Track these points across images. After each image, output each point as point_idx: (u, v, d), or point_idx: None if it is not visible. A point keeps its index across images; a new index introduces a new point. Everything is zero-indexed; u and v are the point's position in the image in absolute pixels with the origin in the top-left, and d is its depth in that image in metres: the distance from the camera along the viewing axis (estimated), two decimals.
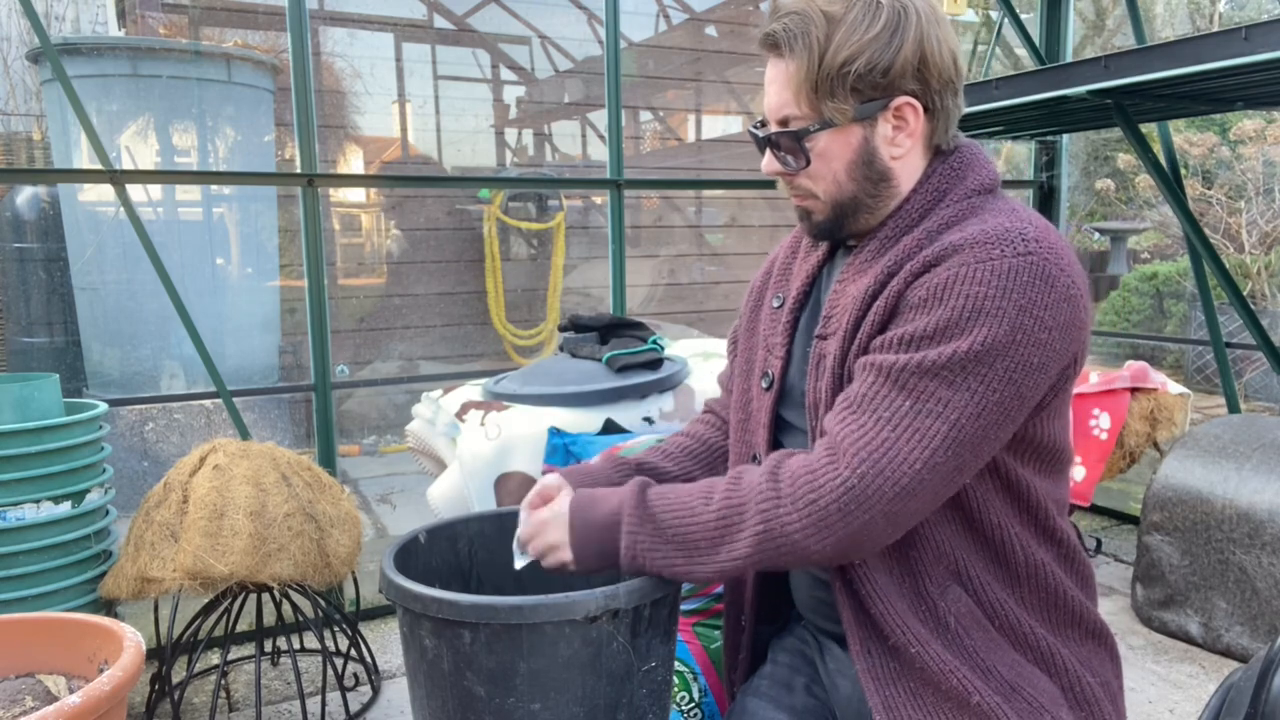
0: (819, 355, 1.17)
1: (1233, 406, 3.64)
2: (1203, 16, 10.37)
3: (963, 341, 1.00)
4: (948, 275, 1.03)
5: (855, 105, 1.09)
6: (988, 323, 1.00)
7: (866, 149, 1.12)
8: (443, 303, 5.59)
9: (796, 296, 1.25)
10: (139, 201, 4.35)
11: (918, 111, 1.11)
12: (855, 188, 1.14)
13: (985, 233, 1.05)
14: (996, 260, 1.02)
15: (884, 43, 1.07)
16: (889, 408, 1.02)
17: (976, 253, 1.03)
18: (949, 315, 1.01)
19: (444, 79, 5.85)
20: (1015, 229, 1.04)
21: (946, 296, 1.02)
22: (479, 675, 1.08)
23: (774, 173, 1.18)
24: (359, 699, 2.51)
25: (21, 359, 4.77)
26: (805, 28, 1.09)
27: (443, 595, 1.07)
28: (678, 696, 1.68)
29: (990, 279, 1.01)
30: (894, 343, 1.05)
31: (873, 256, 1.15)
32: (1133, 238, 9.05)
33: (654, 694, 1.19)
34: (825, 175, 1.14)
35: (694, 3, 6.28)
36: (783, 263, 1.33)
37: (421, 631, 1.11)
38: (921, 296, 1.04)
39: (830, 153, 1.13)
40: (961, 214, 1.11)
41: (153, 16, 4.94)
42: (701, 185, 6.62)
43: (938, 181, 1.14)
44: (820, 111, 1.11)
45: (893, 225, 1.14)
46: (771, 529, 1.03)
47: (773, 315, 1.29)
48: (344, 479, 4.64)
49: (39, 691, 1.62)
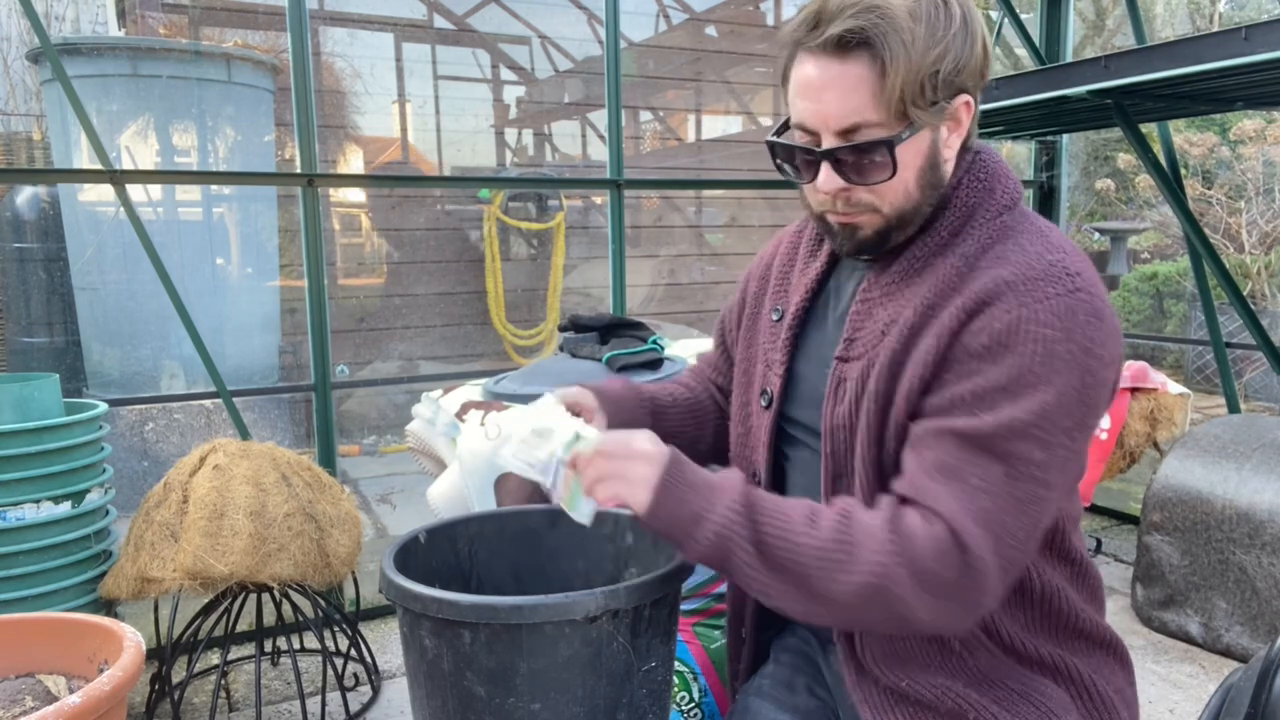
0: (839, 378, 1.10)
1: (1233, 406, 3.64)
2: (1203, 16, 10.37)
3: (1044, 394, 0.95)
4: (1009, 318, 0.97)
5: (933, 110, 1.02)
6: (1061, 370, 0.95)
7: (934, 153, 1.05)
8: (443, 303, 5.59)
9: (797, 312, 1.20)
10: (139, 201, 4.36)
11: (972, 109, 1.06)
12: (920, 196, 1.06)
13: (1032, 267, 1.00)
14: (1053, 300, 0.97)
15: (963, 40, 1.02)
16: (983, 477, 0.96)
17: (1032, 291, 0.98)
18: (1022, 364, 0.96)
19: (444, 79, 5.86)
20: (1059, 262, 1.00)
21: (1013, 343, 0.96)
22: (479, 675, 1.08)
23: (837, 190, 1.06)
24: (359, 699, 2.51)
25: (21, 359, 4.77)
26: (893, 25, 0.98)
27: (443, 595, 1.07)
28: (678, 696, 1.68)
29: (1053, 321, 0.96)
30: (966, 400, 0.98)
31: (902, 278, 1.08)
32: (1133, 238, 9.05)
33: (654, 694, 1.19)
34: (898, 186, 1.04)
35: (694, 3, 6.28)
36: (781, 269, 1.27)
37: (421, 631, 1.11)
38: (984, 344, 0.98)
39: (907, 160, 1.03)
40: (994, 235, 1.06)
41: (153, 16, 4.94)
42: (701, 185, 6.63)
43: (966, 195, 1.08)
44: (906, 117, 1.01)
45: (922, 244, 1.08)
46: (885, 586, 0.95)
47: (772, 329, 1.23)
48: (344, 479, 4.64)
49: (39, 691, 1.62)
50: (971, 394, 0.98)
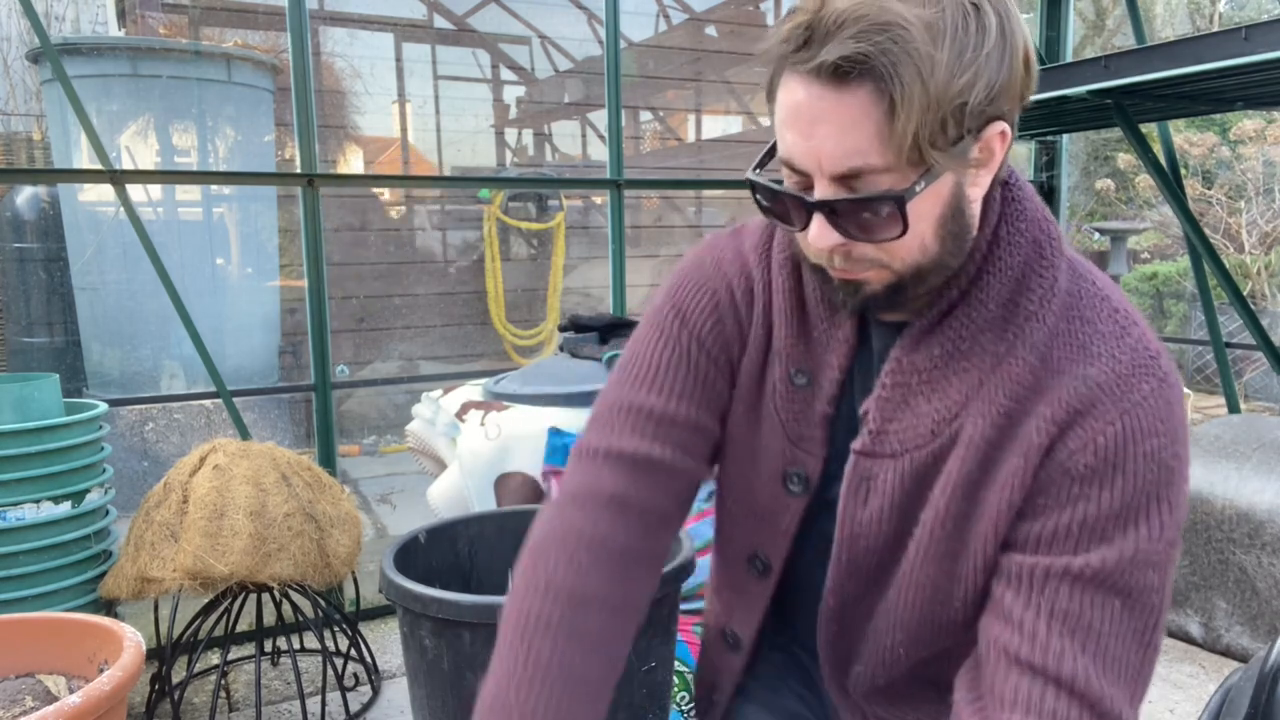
0: (861, 476, 0.93)
1: (1233, 406, 3.64)
2: (1203, 16, 10.37)
3: (1159, 513, 0.85)
4: (1113, 432, 0.84)
5: (957, 149, 0.79)
6: (1172, 480, 0.86)
7: (957, 198, 0.83)
8: (443, 303, 5.59)
9: (838, 381, 0.97)
10: (139, 201, 4.36)
11: (1007, 138, 0.83)
12: (940, 249, 0.85)
13: (1119, 360, 0.86)
14: (1151, 399, 0.85)
15: (1000, 58, 0.78)
16: (1108, 619, 0.85)
17: (1129, 394, 0.85)
18: (1134, 485, 0.84)
19: (444, 79, 5.86)
20: (1141, 344, 0.88)
21: (1121, 461, 0.84)
22: (479, 675, 1.08)
23: (833, 245, 0.84)
24: (359, 699, 2.51)
25: (21, 359, 4.77)
26: (907, 49, 0.75)
27: (443, 595, 1.07)
28: (678, 696, 1.68)
29: (1157, 426, 0.85)
30: (1076, 532, 0.86)
31: (947, 361, 0.89)
32: (1133, 238, 9.04)
33: (654, 694, 1.19)
34: (911, 242, 0.83)
35: (694, 3, 6.28)
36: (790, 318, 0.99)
37: (421, 631, 1.11)
38: (1088, 464, 0.85)
39: (922, 211, 0.81)
40: (1060, 313, 0.89)
41: (153, 16, 4.95)
42: (701, 185, 6.63)
43: (1010, 254, 0.89)
44: (922, 159, 0.78)
45: (965, 318, 0.88)
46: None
47: (795, 395, 0.99)
48: (344, 479, 4.64)
49: (39, 691, 1.63)
50: (1080, 525, 0.85)
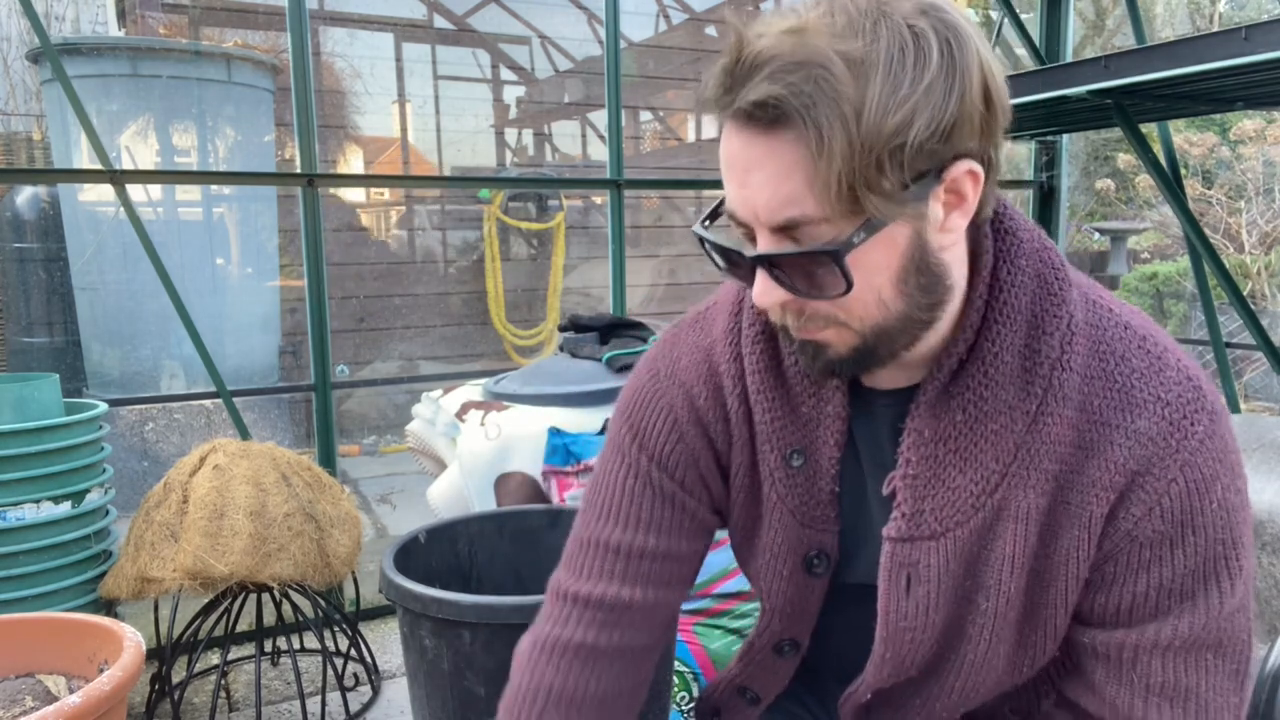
0: (900, 564, 0.85)
1: (1233, 406, 3.64)
2: (1203, 16, 10.37)
3: (1237, 557, 0.81)
4: (1178, 491, 0.79)
5: (902, 189, 0.71)
6: (1240, 518, 0.81)
7: (918, 247, 0.75)
8: (443, 303, 5.59)
9: (837, 462, 0.90)
10: (139, 201, 4.36)
11: (979, 179, 0.75)
12: (905, 305, 0.77)
13: (1167, 404, 0.80)
14: (1206, 441, 0.80)
15: (941, 94, 0.70)
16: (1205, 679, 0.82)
17: (1185, 443, 0.80)
18: (1209, 539, 0.80)
19: (444, 79, 5.86)
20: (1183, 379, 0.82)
21: (1191, 519, 0.79)
22: (479, 675, 1.08)
23: (778, 303, 0.78)
24: (359, 699, 2.51)
25: (21, 359, 4.78)
26: (825, 89, 0.68)
27: (443, 595, 1.07)
28: (678, 696, 1.68)
29: (1217, 469, 0.80)
30: (1156, 598, 0.81)
31: (972, 426, 0.82)
32: (1133, 238, 9.05)
33: (654, 694, 1.19)
34: (865, 298, 0.76)
35: (694, 3, 6.28)
36: (771, 397, 0.91)
37: (421, 631, 1.11)
38: (1158, 530, 0.80)
39: (873, 264, 0.74)
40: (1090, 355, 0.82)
41: (153, 16, 4.95)
42: (701, 185, 6.61)
43: (1016, 298, 0.81)
44: (859, 208, 0.71)
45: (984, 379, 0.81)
46: None
47: (795, 476, 0.91)
48: (344, 479, 4.64)
49: (39, 691, 1.63)
50: (1158, 590, 0.81)
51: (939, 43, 0.70)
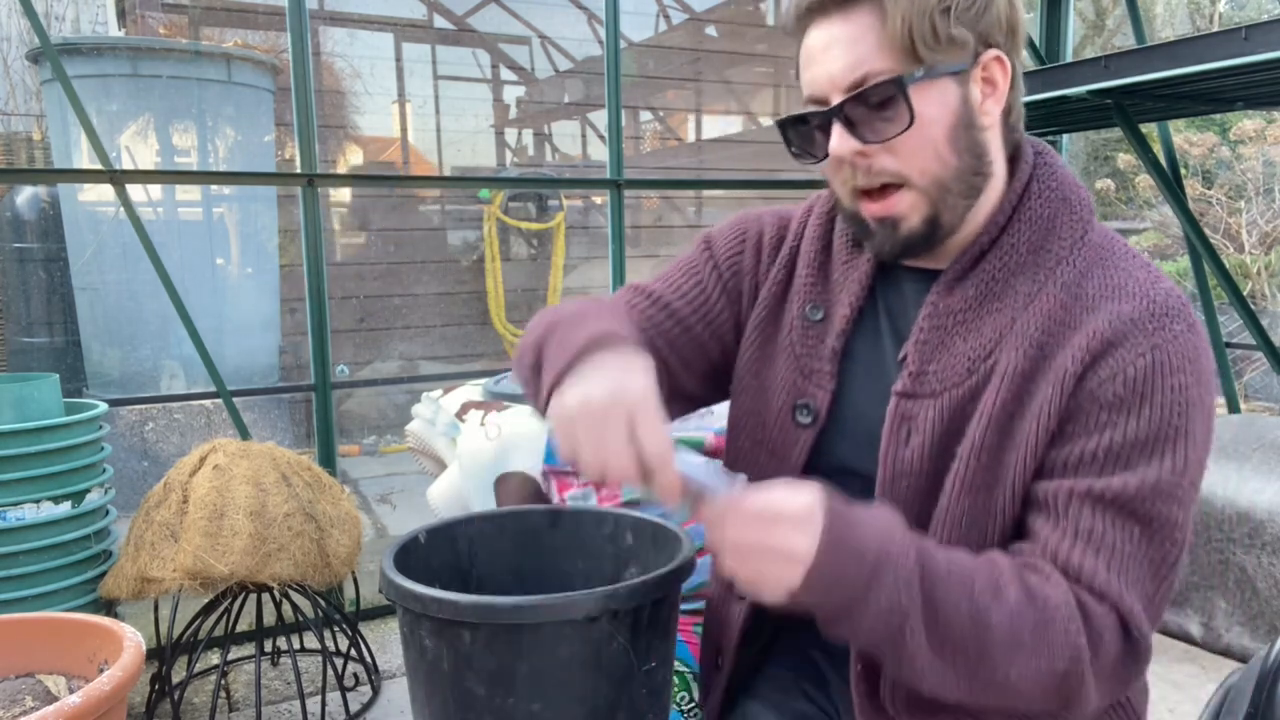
0: (902, 417, 0.96)
1: (1233, 406, 3.64)
2: (1203, 16, 10.37)
3: (1185, 448, 0.88)
4: (1143, 364, 0.88)
5: (951, 49, 0.89)
6: (1196, 417, 0.88)
7: (966, 110, 0.92)
8: (443, 303, 5.59)
9: (850, 317, 1.03)
10: (139, 201, 4.36)
11: (1007, 71, 0.93)
12: (958, 162, 0.92)
13: (1153, 301, 0.90)
14: (1180, 339, 0.89)
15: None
16: (1130, 541, 0.88)
17: (1160, 330, 0.89)
18: (1160, 417, 0.87)
19: (444, 79, 5.86)
20: (1173, 293, 0.92)
21: (1149, 392, 0.87)
22: (479, 675, 1.08)
23: (852, 153, 0.92)
24: (359, 699, 2.51)
25: (21, 359, 4.77)
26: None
27: (443, 595, 1.07)
28: (678, 696, 1.68)
29: (1185, 364, 0.88)
30: (1099, 457, 0.89)
31: (980, 301, 0.95)
32: (1133, 238, 9.05)
33: (654, 694, 1.19)
34: (924, 146, 0.91)
35: (694, 3, 6.28)
36: (812, 258, 1.07)
37: (421, 631, 1.11)
38: (1117, 393, 0.88)
39: (929, 114, 0.90)
40: (1090, 259, 0.95)
41: (153, 16, 4.95)
42: (701, 185, 6.63)
43: (1040, 207, 0.96)
44: (917, 57, 0.89)
45: (996, 260, 0.95)
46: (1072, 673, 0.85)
47: (808, 329, 1.05)
48: (344, 479, 4.64)
49: (39, 691, 1.63)
50: (1105, 451, 0.88)
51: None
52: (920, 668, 0.85)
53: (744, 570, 0.83)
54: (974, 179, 0.94)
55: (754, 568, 0.83)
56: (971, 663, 0.85)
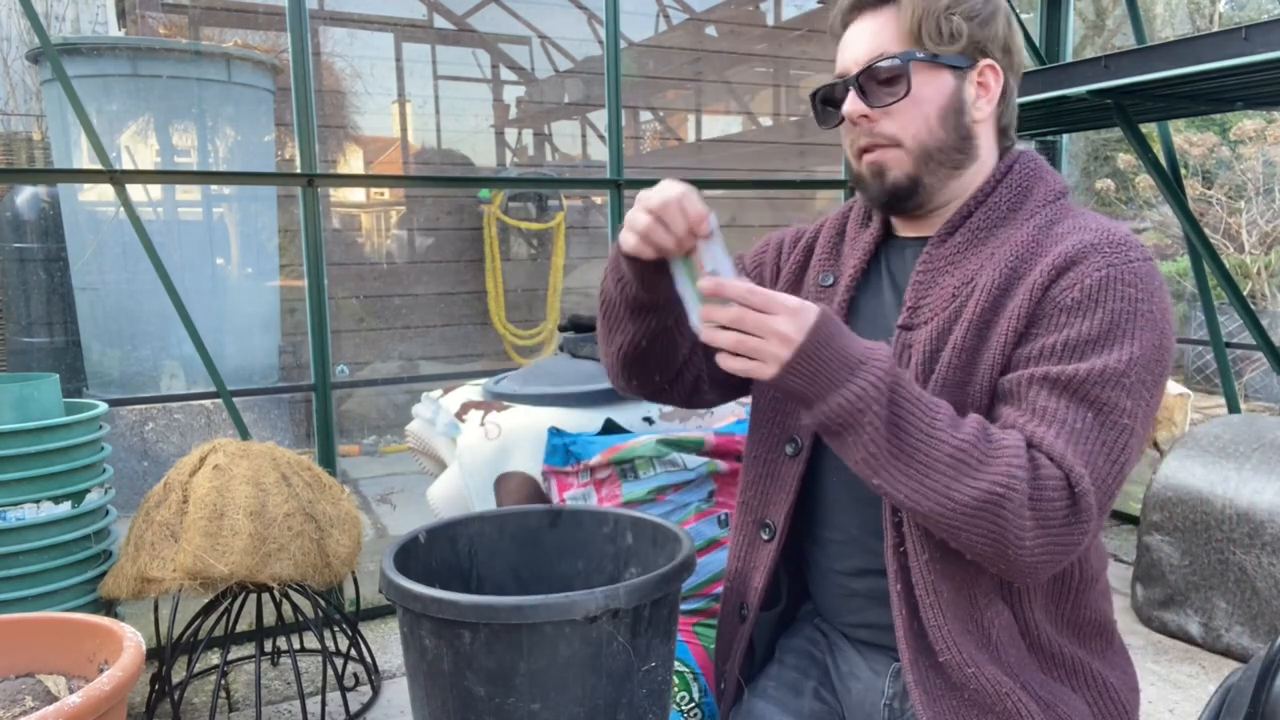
0: (903, 345, 1.12)
1: (1233, 406, 3.64)
2: (1203, 16, 10.37)
3: (1131, 346, 1.00)
4: (1099, 276, 1.02)
5: (949, 44, 1.11)
6: (1146, 325, 1.01)
7: (957, 98, 1.13)
8: (443, 303, 5.59)
9: (854, 275, 1.22)
10: (139, 201, 4.36)
11: (1000, 77, 1.14)
12: (944, 137, 1.12)
13: (1112, 233, 1.06)
14: (1136, 263, 1.03)
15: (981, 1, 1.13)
16: (1079, 420, 1.00)
17: (1117, 254, 1.04)
18: (1109, 319, 1.01)
19: (444, 79, 5.86)
20: (1132, 235, 1.06)
21: (1102, 298, 1.02)
22: (479, 675, 1.08)
23: (858, 114, 1.13)
24: (359, 699, 2.51)
25: (21, 359, 4.77)
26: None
27: (443, 595, 1.07)
28: (678, 696, 1.68)
29: (1137, 281, 1.02)
30: (1058, 350, 1.02)
31: (967, 248, 1.13)
32: None
33: (654, 694, 1.19)
34: (916, 117, 1.12)
35: (694, 3, 6.28)
36: (829, 241, 1.29)
37: (421, 631, 1.11)
38: (1075, 298, 1.03)
39: (923, 92, 1.11)
40: (1057, 214, 1.12)
41: (153, 16, 4.94)
42: (701, 185, 6.60)
43: (1019, 178, 1.15)
44: (923, 45, 1.11)
45: (983, 215, 1.14)
46: (1007, 501, 0.95)
47: (822, 294, 1.24)
48: (344, 479, 4.64)
49: (39, 691, 1.63)
50: (1062, 345, 1.02)
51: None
52: (873, 466, 0.99)
53: (744, 345, 0.97)
54: (957, 155, 1.14)
55: (752, 344, 0.97)
56: (921, 472, 0.97)
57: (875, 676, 1.18)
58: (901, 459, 0.97)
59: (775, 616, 1.31)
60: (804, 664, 1.25)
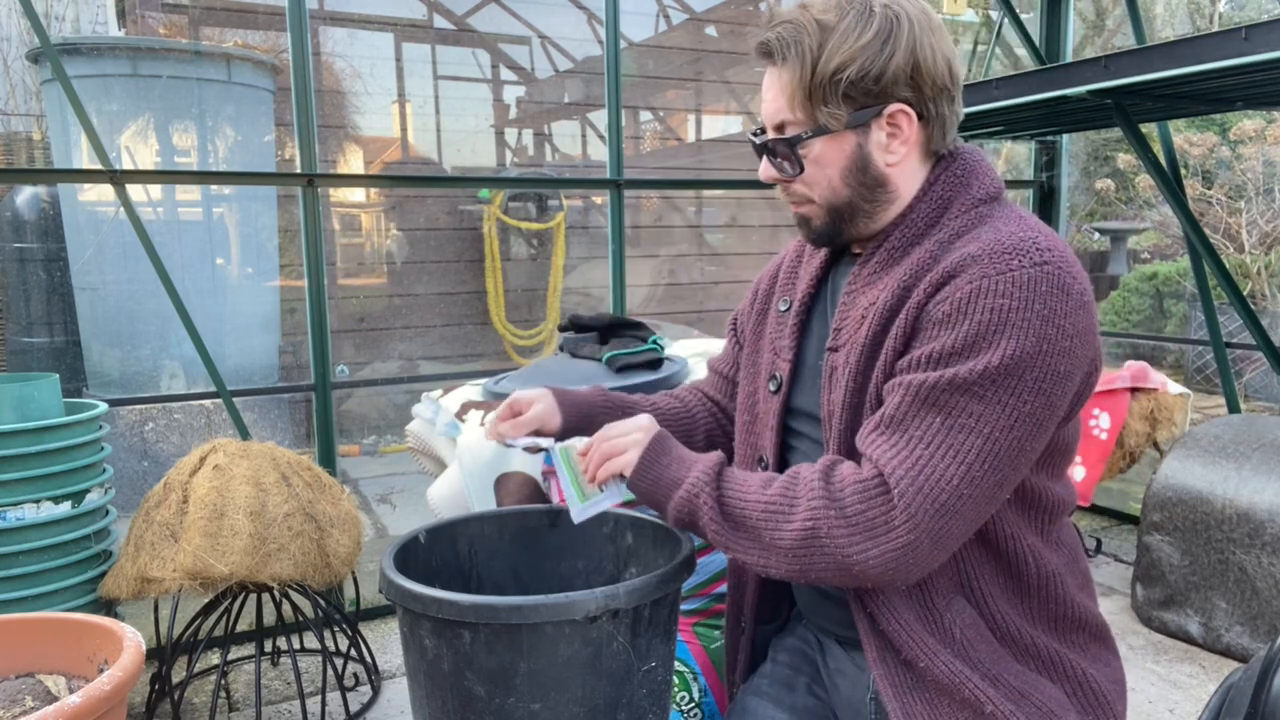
0: (830, 367, 1.17)
1: (1233, 406, 3.64)
2: (1203, 16, 10.36)
3: (991, 355, 1.01)
4: (970, 288, 1.03)
5: (849, 112, 1.11)
6: (1014, 335, 1.00)
7: (860, 155, 1.13)
8: (443, 303, 5.59)
9: (803, 300, 1.27)
10: (139, 201, 4.35)
11: (912, 119, 1.12)
12: (850, 193, 1.15)
13: (1000, 243, 1.05)
14: (1015, 271, 1.02)
15: (875, 50, 1.09)
16: (921, 426, 1.03)
17: (995, 264, 1.03)
18: (974, 330, 1.02)
19: (444, 79, 5.85)
20: (1028, 238, 1.05)
21: (970, 310, 1.02)
22: (479, 675, 1.08)
23: (770, 178, 1.20)
24: (359, 699, 2.51)
25: (21, 359, 4.77)
26: (798, 36, 1.11)
27: (443, 595, 1.07)
28: (678, 696, 1.68)
29: (1012, 290, 1.01)
30: (921, 361, 1.05)
31: (881, 267, 1.15)
32: (1133, 238, 9.04)
33: (654, 694, 1.19)
34: (820, 181, 1.16)
35: (694, 3, 6.27)
36: (789, 267, 1.34)
37: (421, 631, 1.11)
38: (945, 311, 1.04)
39: (825, 159, 1.14)
40: (970, 224, 1.12)
41: (153, 16, 4.94)
42: (701, 185, 6.62)
43: (941, 190, 1.15)
44: (815, 118, 1.12)
45: (899, 235, 1.15)
46: (818, 529, 1.03)
47: (779, 319, 1.29)
48: (344, 479, 4.64)
49: (39, 691, 1.62)
50: (926, 356, 1.05)
51: (881, 22, 1.10)
52: (724, 542, 1.11)
53: (604, 471, 1.18)
54: (867, 205, 1.17)
55: (612, 466, 1.18)
56: (750, 534, 1.09)
57: (860, 673, 1.22)
58: (735, 528, 1.10)
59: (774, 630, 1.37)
60: (797, 661, 1.29)
